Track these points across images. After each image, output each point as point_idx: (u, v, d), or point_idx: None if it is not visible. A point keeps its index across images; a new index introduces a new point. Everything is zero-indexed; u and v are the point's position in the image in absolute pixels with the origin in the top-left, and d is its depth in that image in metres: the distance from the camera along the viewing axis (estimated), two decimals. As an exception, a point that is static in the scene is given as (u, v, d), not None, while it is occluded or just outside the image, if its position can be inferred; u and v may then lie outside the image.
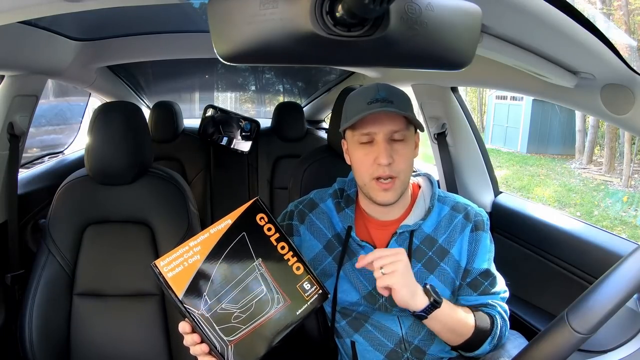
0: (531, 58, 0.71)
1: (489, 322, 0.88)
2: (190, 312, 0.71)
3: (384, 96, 0.84)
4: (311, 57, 0.50)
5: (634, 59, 0.69)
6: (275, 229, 0.77)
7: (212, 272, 0.73)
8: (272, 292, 0.75)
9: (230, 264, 0.74)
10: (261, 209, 0.77)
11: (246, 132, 2.39)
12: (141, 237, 1.17)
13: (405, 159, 0.87)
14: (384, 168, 0.85)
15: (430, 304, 0.79)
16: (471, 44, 0.52)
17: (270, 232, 0.77)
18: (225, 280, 0.73)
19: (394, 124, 0.85)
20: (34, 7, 0.61)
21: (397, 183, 0.87)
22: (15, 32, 1.04)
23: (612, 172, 7.85)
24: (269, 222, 0.77)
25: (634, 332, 0.82)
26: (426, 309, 0.79)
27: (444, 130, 1.53)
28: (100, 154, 1.14)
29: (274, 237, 0.77)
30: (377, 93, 0.85)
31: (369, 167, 0.87)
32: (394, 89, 0.88)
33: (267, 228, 0.77)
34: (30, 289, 1.11)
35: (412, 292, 0.78)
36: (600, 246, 1.06)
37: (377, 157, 0.85)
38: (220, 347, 0.71)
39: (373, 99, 0.84)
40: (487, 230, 0.93)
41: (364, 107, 0.84)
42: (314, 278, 0.77)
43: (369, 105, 0.84)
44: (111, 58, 1.57)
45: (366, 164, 0.87)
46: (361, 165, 0.88)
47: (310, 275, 0.77)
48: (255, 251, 0.75)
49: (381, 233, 0.94)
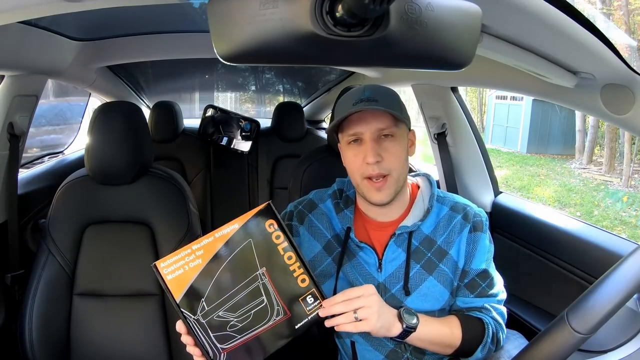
0: (531, 58, 0.71)
1: (480, 330, 0.88)
2: (187, 316, 0.70)
3: (369, 95, 0.84)
4: (311, 57, 0.50)
5: (634, 59, 0.69)
6: (284, 237, 0.74)
7: (213, 278, 0.71)
8: (272, 304, 0.73)
9: (232, 272, 0.72)
10: (273, 215, 0.74)
11: (246, 132, 2.39)
12: (141, 237, 1.17)
13: (395, 156, 0.86)
14: (373, 167, 0.85)
15: (404, 330, 0.81)
16: (471, 44, 0.52)
17: (278, 241, 0.74)
18: (224, 288, 0.71)
19: (380, 122, 0.85)
20: (34, 7, 0.60)
21: (389, 181, 0.86)
22: (15, 32, 1.04)
23: (612, 172, 7.85)
24: (279, 230, 0.74)
25: (634, 332, 0.82)
26: (400, 335, 0.81)
27: (444, 130, 1.53)
28: (100, 154, 1.14)
29: (281, 246, 0.74)
30: (362, 94, 0.85)
31: (359, 166, 0.87)
32: (381, 89, 0.88)
33: (275, 236, 0.74)
34: (30, 289, 1.11)
35: (387, 327, 0.80)
36: (600, 246, 1.06)
37: (365, 157, 0.85)
38: (212, 354, 0.70)
39: (358, 99, 0.85)
40: (485, 230, 0.93)
41: (349, 107, 0.85)
42: (319, 292, 0.75)
43: (354, 105, 0.84)
44: (111, 58, 1.57)
45: (356, 164, 0.87)
46: (352, 165, 0.89)
47: (315, 289, 0.74)
48: (260, 260, 0.73)
49: (380, 234, 0.94)
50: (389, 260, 0.91)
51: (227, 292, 0.72)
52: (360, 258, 0.92)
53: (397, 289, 0.90)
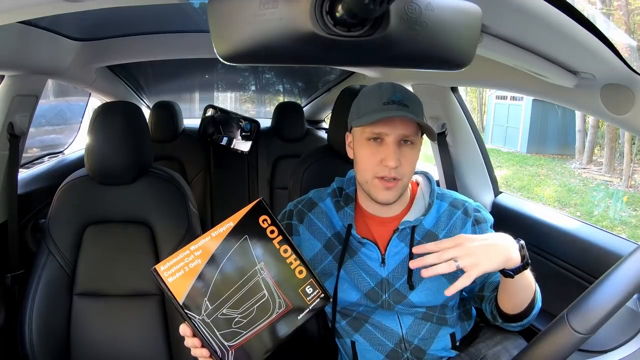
0: (531, 58, 0.71)
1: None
2: (191, 317, 0.70)
3: (400, 99, 0.84)
4: (311, 57, 0.50)
5: (634, 59, 0.69)
6: (278, 232, 0.76)
7: (213, 277, 0.72)
8: (273, 297, 0.74)
9: (232, 269, 0.73)
10: (265, 211, 0.76)
11: (246, 132, 2.38)
12: (141, 237, 1.16)
13: (411, 163, 0.87)
14: (390, 170, 0.85)
15: (523, 264, 0.75)
16: (471, 44, 0.52)
17: (273, 235, 0.75)
18: (226, 285, 0.72)
19: (407, 129, 0.84)
20: (34, 7, 0.60)
21: (399, 184, 0.87)
22: (15, 32, 1.04)
23: (612, 172, 7.85)
24: (272, 225, 0.75)
25: (634, 332, 0.82)
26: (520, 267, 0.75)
27: (444, 130, 1.53)
28: (100, 154, 1.14)
29: (276, 240, 0.75)
30: (393, 94, 0.84)
31: (374, 166, 0.86)
32: (409, 93, 0.87)
33: (270, 230, 0.75)
34: (30, 289, 1.11)
35: (504, 261, 0.73)
36: (600, 246, 1.06)
37: (384, 159, 0.84)
38: (220, 352, 0.71)
39: (389, 99, 0.84)
40: (490, 227, 0.96)
41: (379, 106, 0.84)
42: (317, 281, 0.76)
43: (385, 105, 0.83)
44: (111, 58, 1.57)
45: (372, 163, 0.87)
46: (366, 163, 0.88)
47: (313, 279, 0.76)
48: (258, 255, 0.74)
49: (382, 230, 0.94)
50: (392, 255, 0.92)
51: (229, 289, 0.72)
52: (362, 254, 0.93)
53: (401, 283, 0.91)
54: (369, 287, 0.92)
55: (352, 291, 0.93)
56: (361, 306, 0.94)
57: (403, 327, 0.93)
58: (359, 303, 0.93)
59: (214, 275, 0.72)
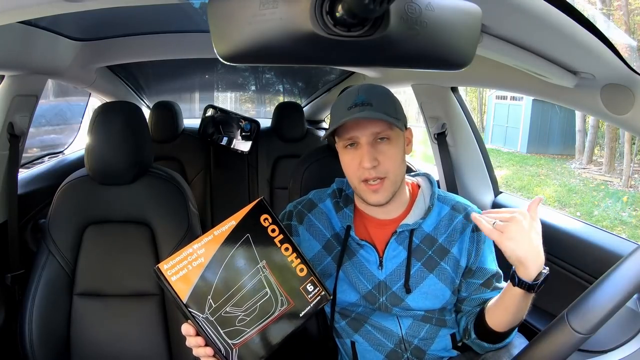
0: (531, 58, 0.71)
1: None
2: (195, 316, 0.70)
3: (363, 99, 0.84)
4: (311, 57, 0.50)
5: (634, 59, 0.69)
6: (279, 230, 0.76)
7: (217, 275, 0.72)
8: (276, 295, 0.74)
9: (235, 267, 0.73)
10: (266, 210, 0.76)
11: (246, 132, 2.38)
12: (141, 237, 1.16)
13: (391, 159, 0.86)
14: (369, 171, 0.85)
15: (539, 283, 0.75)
16: (471, 44, 0.52)
17: (274, 234, 0.76)
18: (229, 283, 0.73)
19: (375, 126, 0.84)
20: (34, 7, 0.60)
21: (386, 183, 0.87)
22: (15, 32, 1.04)
23: (612, 172, 7.85)
24: (273, 223, 0.76)
25: (634, 332, 0.82)
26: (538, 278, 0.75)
27: (444, 130, 1.53)
28: (100, 154, 1.14)
29: (277, 238, 0.76)
30: (357, 96, 0.84)
31: (356, 170, 0.87)
32: (375, 89, 0.87)
33: (271, 229, 0.76)
34: (30, 289, 1.11)
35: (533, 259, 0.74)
36: (600, 246, 1.06)
37: (361, 161, 0.85)
38: (224, 350, 0.71)
39: (352, 103, 0.84)
40: None
41: (344, 113, 0.84)
42: (317, 279, 0.77)
43: (348, 110, 0.83)
44: (111, 58, 1.57)
45: (353, 168, 0.87)
46: (348, 169, 0.89)
47: (314, 277, 0.77)
48: (260, 253, 0.75)
49: (381, 232, 0.94)
50: (389, 258, 0.91)
51: (232, 287, 0.73)
52: (360, 256, 0.93)
53: (398, 286, 0.90)
54: (367, 290, 0.92)
55: (351, 292, 0.93)
56: (360, 307, 0.94)
57: (402, 328, 0.93)
58: (357, 304, 0.93)
59: (217, 273, 0.72)
